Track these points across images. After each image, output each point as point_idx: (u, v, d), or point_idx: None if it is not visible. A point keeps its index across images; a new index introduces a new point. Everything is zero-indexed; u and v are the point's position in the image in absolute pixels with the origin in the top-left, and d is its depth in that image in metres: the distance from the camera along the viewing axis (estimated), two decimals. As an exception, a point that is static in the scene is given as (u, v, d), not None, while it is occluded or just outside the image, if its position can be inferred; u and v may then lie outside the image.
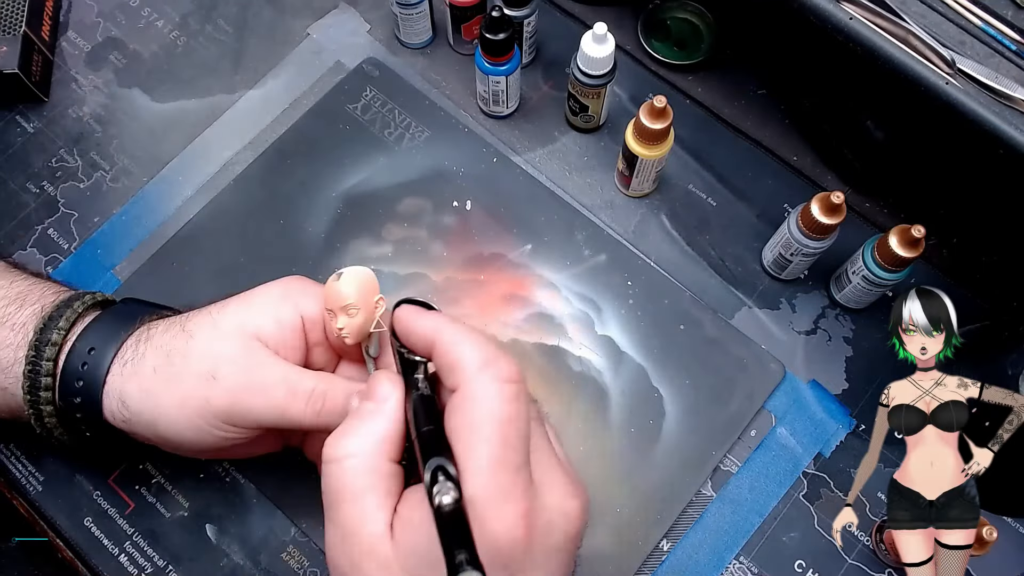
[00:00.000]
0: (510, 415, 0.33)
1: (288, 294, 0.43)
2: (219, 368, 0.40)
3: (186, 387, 0.41)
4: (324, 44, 0.65)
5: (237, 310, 0.42)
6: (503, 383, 0.34)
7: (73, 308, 0.44)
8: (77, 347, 0.43)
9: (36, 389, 0.43)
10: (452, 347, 0.35)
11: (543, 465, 0.35)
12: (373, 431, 0.36)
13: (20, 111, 0.62)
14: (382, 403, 0.37)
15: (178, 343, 0.42)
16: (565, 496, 0.34)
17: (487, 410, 0.33)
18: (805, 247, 0.52)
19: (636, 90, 0.63)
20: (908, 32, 0.46)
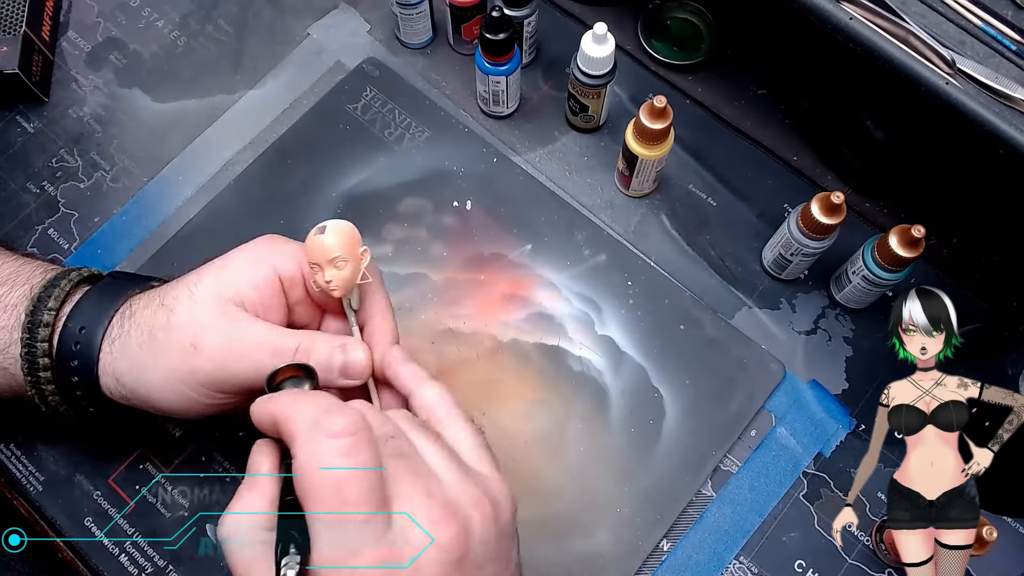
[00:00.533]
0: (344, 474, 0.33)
1: (263, 255, 0.43)
2: (200, 338, 0.41)
3: (170, 360, 0.41)
4: (324, 44, 0.65)
5: (213, 278, 0.42)
6: (333, 439, 0.34)
7: (60, 287, 0.44)
8: (69, 327, 0.43)
9: (35, 370, 0.43)
10: (288, 420, 0.35)
11: (405, 499, 0.34)
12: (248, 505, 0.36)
13: (20, 111, 0.62)
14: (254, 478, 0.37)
15: (159, 318, 0.42)
16: (432, 526, 0.34)
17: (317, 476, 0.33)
18: (805, 247, 0.52)
19: (636, 90, 0.63)
20: (908, 32, 0.46)
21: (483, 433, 0.40)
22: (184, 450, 0.53)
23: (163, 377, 0.41)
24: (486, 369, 0.55)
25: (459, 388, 0.54)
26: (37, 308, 0.43)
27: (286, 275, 0.43)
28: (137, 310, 0.43)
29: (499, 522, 0.36)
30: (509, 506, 0.38)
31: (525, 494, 0.50)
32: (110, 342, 0.43)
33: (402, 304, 0.56)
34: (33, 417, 0.53)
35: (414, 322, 0.56)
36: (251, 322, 0.41)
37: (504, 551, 0.37)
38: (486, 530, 0.35)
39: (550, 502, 0.51)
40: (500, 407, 0.54)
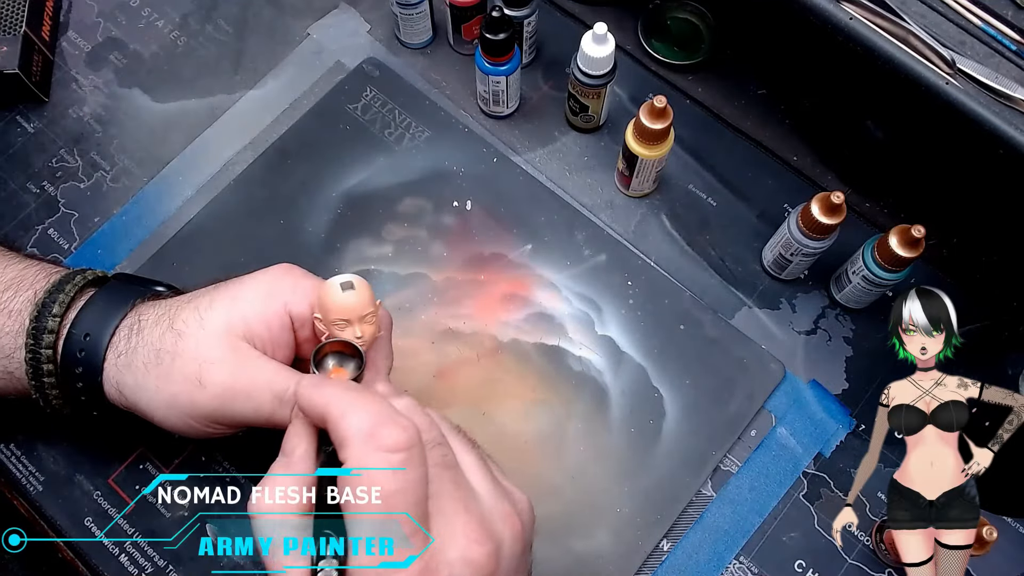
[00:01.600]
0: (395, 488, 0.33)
1: (277, 290, 0.43)
2: (206, 373, 0.41)
3: (175, 388, 0.41)
4: (324, 44, 0.65)
5: (224, 308, 0.42)
6: (387, 453, 0.34)
7: (65, 292, 0.44)
8: (73, 334, 0.43)
9: (40, 375, 0.43)
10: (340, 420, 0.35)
11: (445, 515, 0.34)
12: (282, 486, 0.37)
13: (20, 111, 0.62)
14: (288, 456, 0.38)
15: (167, 342, 0.42)
16: (469, 544, 0.34)
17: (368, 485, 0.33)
18: (805, 247, 0.52)
19: (636, 90, 0.63)
20: (908, 32, 0.46)
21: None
22: (184, 450, 0.53)
23: (166, 402, 0.42)
24: (486, 369, 0.55)
25: (459, 388, 0.54)
26: (41, 314, 0.43)
27: (297, 313, 0.43)
28: (146, 327, 0.43)
29: (524, 538, 0.37)
30: (531, 520, 0.39)
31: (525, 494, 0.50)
32: (116, 355, 0.43)
33: (402, 304, 0.56)
34: (33, 417, 0.53)
35: (414, 322, 0.56)
36: (257, 361, 0.42)
37: (524, 564, 0.38)
38: (514, 546, 0.36)
39: (550, 502, 0.51)
40: (500, 407, 0.54)
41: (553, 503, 0.52)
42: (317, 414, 0.36)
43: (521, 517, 0.37)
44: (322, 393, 0.36)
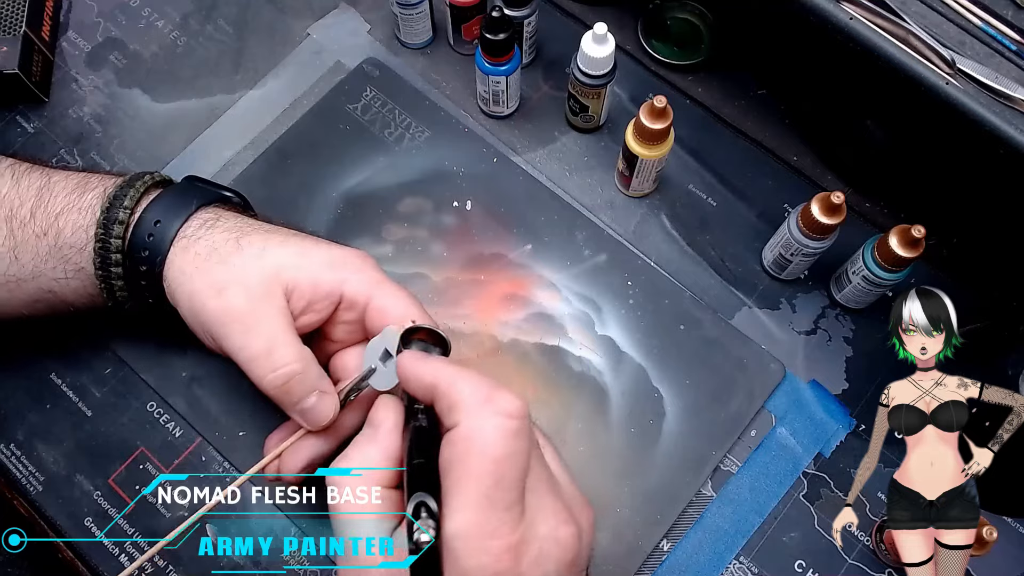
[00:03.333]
0: (507, 452, 0.33)
1: (343, 265, 0.44)
2: (230, 287, 0.42)
3: (199, 285, 0.43)
4: (324, 44, 0.65)
5: (289, 252, 0.44)
6: (504, 418, 0.34)
7: (136, 188, 0.46)
8: (146, 217, 0.45)
9: (107, 265, 0.45)
10: (451, 387, 0.35)
11: (538, 494, 0.35)
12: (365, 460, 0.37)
13: (20, 111, 0.62)
14: (376, 429, 0.38)
15: (227, 248, 0.44)
16: (558, 524, 0.34)
17: (482, 447, 0.33)
18: (805, 247, 0.52)
19: (636, 90, 0.63)
20: (908, 32, 0.46)
21: None
22: (184, 450, 0.53)
23: (188, 293, 0.43)
24: (486, 369, 0.55)
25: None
26: (112, 206, 0.45)
27: (350, 295, 0.44)
28: (218, 228, 0.45)
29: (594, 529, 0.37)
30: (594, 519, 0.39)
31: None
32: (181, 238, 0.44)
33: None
34: (34, 417, 0.53)
35: (414, 322, 0.56)
36: (276, 310, 0.42)
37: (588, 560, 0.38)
38: (589, 535, 0.37)
39: (550, 502, 0.51)
40: (500, 407, 0.54)
41: (553, 503, 0.52)
42: (424, 384, 0.37)
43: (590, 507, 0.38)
44: (430, 365, 0.37)
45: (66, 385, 0.54)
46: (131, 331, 0.55)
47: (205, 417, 0.53)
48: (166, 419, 0.53)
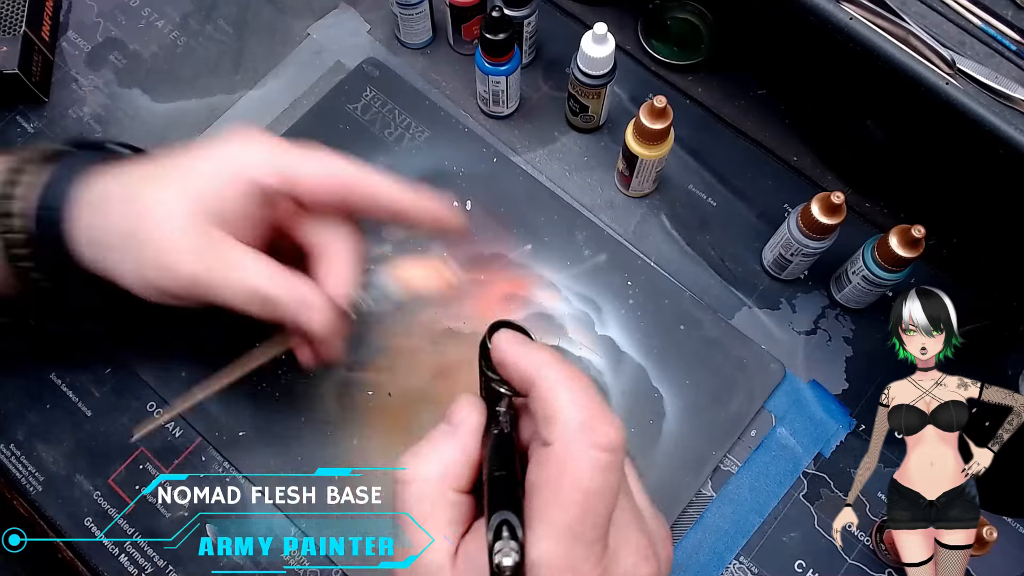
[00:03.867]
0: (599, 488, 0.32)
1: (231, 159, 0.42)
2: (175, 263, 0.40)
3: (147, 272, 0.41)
4: (324, 44, 0.65)
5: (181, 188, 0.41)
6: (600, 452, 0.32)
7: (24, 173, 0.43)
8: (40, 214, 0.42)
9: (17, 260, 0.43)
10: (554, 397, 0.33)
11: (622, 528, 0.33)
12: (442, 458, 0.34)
13: (20, 111, 0.62)
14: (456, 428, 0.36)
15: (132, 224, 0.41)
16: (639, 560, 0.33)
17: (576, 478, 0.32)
18: (805, 247, 0.52)
19: (636, 90, 0.63)
20: (908, 32, 0.46)
21: None
22: (184, 450, 0.53)
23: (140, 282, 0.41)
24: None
25: (459, 388, 0.54)
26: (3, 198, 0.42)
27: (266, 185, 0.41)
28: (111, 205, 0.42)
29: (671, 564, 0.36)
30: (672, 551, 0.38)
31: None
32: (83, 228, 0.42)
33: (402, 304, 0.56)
34: (33, 417, 0.53)
35: (414, 322, 0.56)
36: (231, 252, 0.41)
37: None
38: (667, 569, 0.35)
39: (550, 502, 0.51)
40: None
41: (553, 503, 0.52)
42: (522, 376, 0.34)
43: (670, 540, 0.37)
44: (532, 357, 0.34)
45: (66, 385, 0.54)
46: (131, 331, 0.55)
47: (205, 417, 0.53)
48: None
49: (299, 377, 0.54)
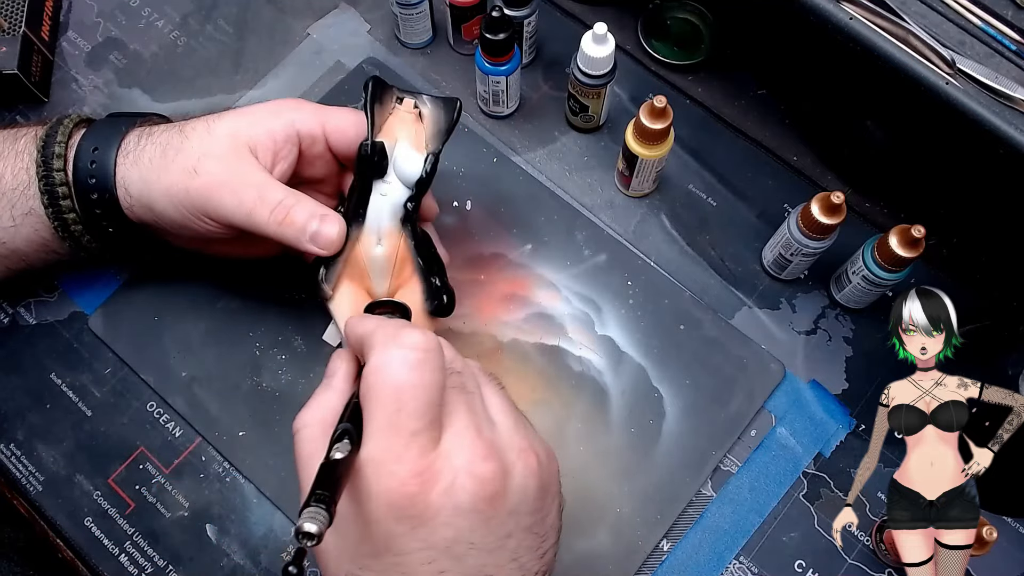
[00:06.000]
0: (411, 382, 0.35)
1: (282, 109, 0.47)
2: (202, 163, 0.45)
3: (172, 177, 0.45)
4: (324, 44, 0.65)
5: (232, 119, 0.46)
6: (407, 351, 0.36)
7: (64, 125, 0.48)
8: (83, 146, 0.46)
9: (56, 199, 0.46)
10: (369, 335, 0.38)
11: (455, 428, 0.36)
12: (320, 404, 0.39)
13: (20, 111, 0.62)
14: (330, 378, 0.41)
15: (174, 140, 0.46)
16: (475, 459, 0.35)
17: (385, 376, 0.35)
18: (805, 247, 0.52)
19: (636, 90, 0.63)
20: (908, 32, 0.47)
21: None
22: (184, 450, 0.53)
23: (163, 190, 0.45)
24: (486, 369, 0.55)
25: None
26: (47, 144, 0.46)
27: (305, 131, 0.47)
28: (156, 131, 0.47)
29: (542, 477, 0.38)
30: (552, 466, 0.40)
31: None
32: (124, 155, 0.46)
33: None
34: (34, 416, 0.53)
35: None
36: (252, 165, 0.45)
37: (543, 508, 0.38)
38: (526, 480, 0.37)
39: (550, 502, 0.51)
40: (500, 407, 0.54)
41: (553, 503, 0.52)
42: (356, 341, 0.39)
43: (538, 454, 0.38)
44: (363, 321, 0.40)
45: (66, 385, 0.54)
46: (131, 331, 0.55)
47: (205, 417, 0.53)
48: (166, 419, 0.53)
49: (299, 377, 0.54)
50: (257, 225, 0.44)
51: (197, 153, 0.45)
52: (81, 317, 0.56)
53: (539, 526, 0.38)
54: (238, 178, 0.44)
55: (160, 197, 0.45)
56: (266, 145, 0.46)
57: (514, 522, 0.36)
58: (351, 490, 0.35)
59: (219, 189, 0.44)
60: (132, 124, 0.48)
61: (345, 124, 0.47)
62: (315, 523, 0.30)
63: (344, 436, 0.35)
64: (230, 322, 0.56)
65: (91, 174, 0.46)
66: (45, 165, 0.46)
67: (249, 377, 0.54)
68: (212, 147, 0.45)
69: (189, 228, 0.46)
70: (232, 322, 0.56)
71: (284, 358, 0.54)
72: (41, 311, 0.56)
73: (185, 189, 0.44)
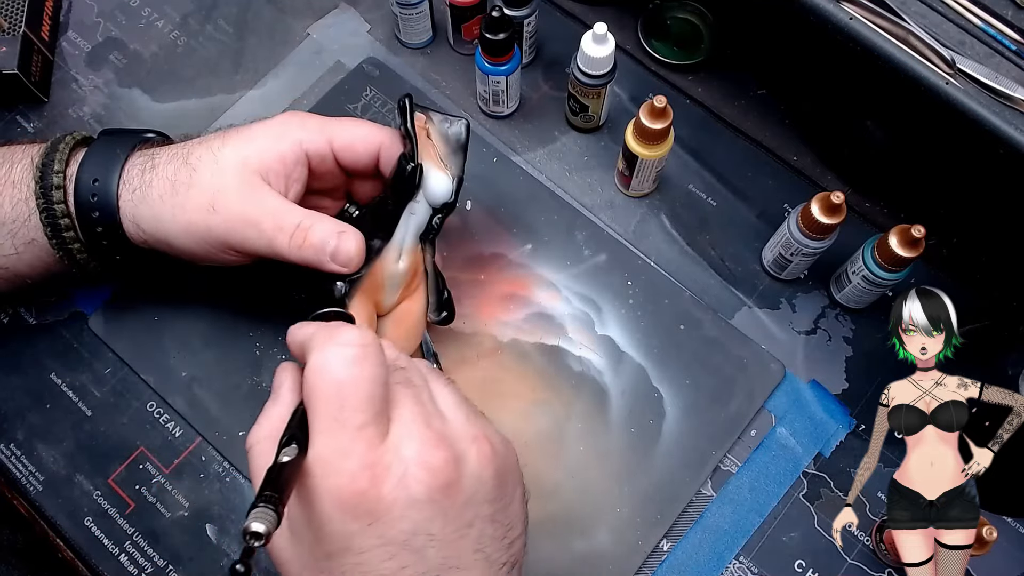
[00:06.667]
0: (348, 376, 0.35)
1: (288, 130, 0.46)
2: (217, 201, 0.44)
3: (189, 216, 0.45)
4: (324, 44, 0.65)
5: (238, 146, 0.46)
6: (343, 347, 0.35)
7: (60, 150, 0.47)
8: (82, 179, 0.46)
9: (59, 232, 0.46)
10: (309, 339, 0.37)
11: (403, 420, 0.36)
12: (271, 417, 0.39)
13: (20, 111, 0.62)
14: (277, 390, 0.40)
15: (182, 175, 0.45)
16: (425, 449, 0.35)
17: (323, 374, 0.35)
18: (805, 247, 0.52)
19: (636, 90, 0.63)
20: (908, 32, 0.46)
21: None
22: (184, 450, 0.53)
23: (183, 228, 0.45)
24: (486, 369, 0.55)
25: (459, 387, 0.54)
26: (44, 174, 0.46)
27: (313, 149, 0.46)
28: (159, 164, 0.46)
29: (497, 464, 0.37)
30: (509, 454, 0.39)
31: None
32: (130, 191, 0.46)
33: (402, 304, 0.56)
34: (33, 417, 0.53)
35: (414, 322, 0.56)
36: (266, 193, 0.45)
37: (503, 496, 0.38)
38: (482, 467, 0.37)
39: (550, 502, 0.51)
40: (500, 407, 0.54)
41: (553, 503, 0.52)
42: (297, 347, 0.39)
43: (492, 443, 0.38)
44: (302, 327, 0.39)
45: (66, 385, 0.54)
46: (131, 331, 0.55)
47: (205, 417, 0.53)
48: (166, 419, 0.53)
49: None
50: (279, 252, 0.45)
51: (211, 189, 0.44)
52: (81, 317, 0.56)
53: (501, 515, 0.37)
54: (257, 210, 0.44)
55: (179, 234, 0.45)
56: (277, 171, 0.46)
57: (473, 511, 0.36)
58: (302, 493, 0.35)
59: (240, 224, 0.44)
60: (130, 148, 0.47)
61: (352, 138, 0.47)
62: (263, 523, 0.30)
63: (292, 441, 0.34)
64: (230, 322, 0.56)
65: (94, 208, 0.45)
66: (45, 197, 0.45)
67: (249, 377, 0.54)
68: (225, 182, 0.45)
69: (211, 259, 0.47)
70: (232, 322, 0.56)
71: (284, 358, 0.54)
72: (41, 311, 0.56)
73: (207, 227, 0.44)
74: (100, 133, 0.49)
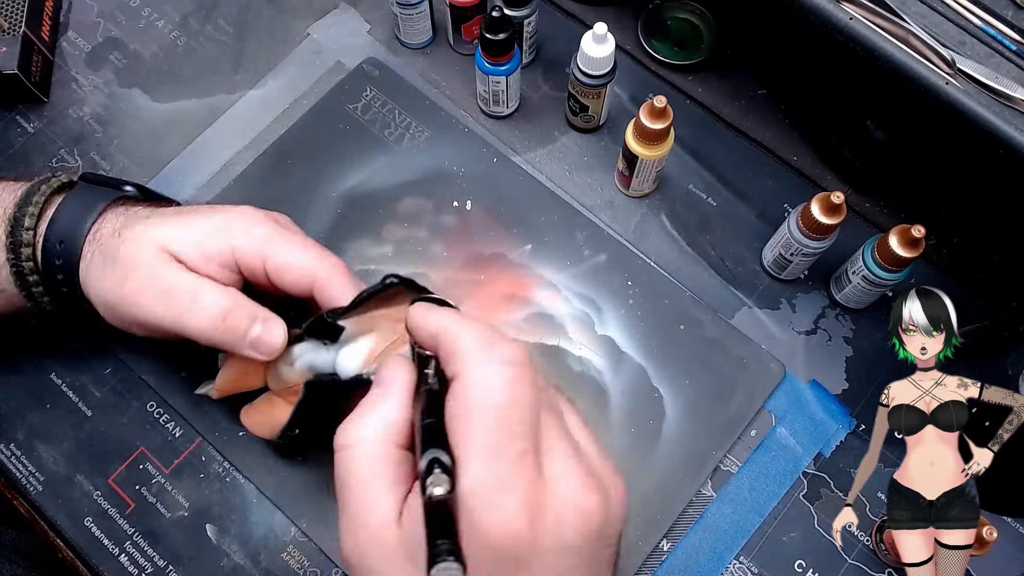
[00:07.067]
0: (509, 399, 0.31)
1: (228, 228, 0.45)
2: (129, 275, 0.44)
3: (108, 287, 0.44)
4: (324, 44, 0.65)
5: (169, 227, 0.45)
6: (502, 366, 0.32)
7: (33, 204, 0.46)
8: (48, 244, 0.46)
9: (27, 286, 0.46)
10: (452, 337, 0.34)
11: (556, 454, 0.32)
12: (380, 417, 0.35)
13: (20, 111, 0.62)
14: (388, 387, 0.36)
15: (111, 247, 0.45)
16: (581, 489, 0.32)
17: (482, 395, 0.32)
18: (805, 247, 0.52)
19: (636, 90, 0.63)
20: (908, 32, 0.46)
21: None
22: (184, 450, 0.53)
23: (106, 300, 0.45)
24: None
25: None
26: (15, 230, 0.45)
27: (243, 260, 0.45)
28: (103, 237, 0.45)
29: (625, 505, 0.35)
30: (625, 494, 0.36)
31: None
32: (88, 255, 0.45)
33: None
34: (33, 417, 0.53)
35: (414, 322, 0.56)
36: (177, 272, 0.43)
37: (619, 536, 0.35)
38: (618, 510, 0.34)
39: (550, 502, 0.51)
40: (500, 407, 0.54)
41: (553, 503, 0.51)
42: (429, 332, 0.36)
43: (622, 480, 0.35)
44: (437, 316, 0.36)
45: (66, 385, 0.54)
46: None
47: (205, 417, 0.53)
48: (166, 419, 0.53)
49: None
50: (195, 332, 0.43)
51: (125, 263, 0.44)
52: (81, 317, 0.56)
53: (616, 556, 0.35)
54: (163, 285, 0.43)
55: (100, 304, 0.45)
56: (195, 261, 0.44)
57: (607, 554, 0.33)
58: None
59: (148, 302, 0.43)
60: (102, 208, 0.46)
61: (287, 264, 0.44)
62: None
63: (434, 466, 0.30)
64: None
65: (59, 270, 0.45)
66: (14, 253, 0.45)
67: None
68: (138, 256, 0.43)
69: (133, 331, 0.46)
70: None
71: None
72: (41, 311, 0.56)
73: (119, 298, 0.44)
74: (80, 177, 0.49)
